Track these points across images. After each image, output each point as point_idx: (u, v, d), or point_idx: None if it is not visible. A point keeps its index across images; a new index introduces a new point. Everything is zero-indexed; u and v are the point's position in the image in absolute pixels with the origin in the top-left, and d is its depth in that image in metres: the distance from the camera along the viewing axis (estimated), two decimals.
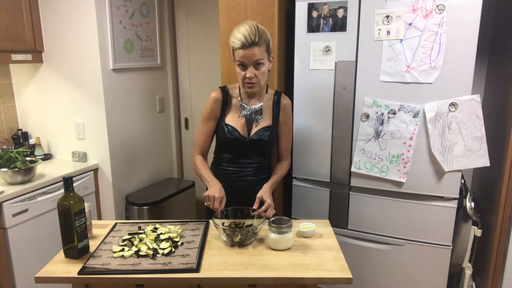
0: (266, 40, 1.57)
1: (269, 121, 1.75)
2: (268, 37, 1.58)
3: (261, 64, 1.58)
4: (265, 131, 1.72)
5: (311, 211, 2.23)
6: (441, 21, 1.78)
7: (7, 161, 2.18)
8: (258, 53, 1.55)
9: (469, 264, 2.08)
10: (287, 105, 1.77)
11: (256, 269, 1.37)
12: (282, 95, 1.79)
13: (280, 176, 1.81)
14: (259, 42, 1.54)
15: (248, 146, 1.73)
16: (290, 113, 1.80)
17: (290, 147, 1.87)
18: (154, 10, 2.88)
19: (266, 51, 1.58)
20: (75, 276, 1.34)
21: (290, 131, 1.84)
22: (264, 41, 1.55)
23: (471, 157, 1.87)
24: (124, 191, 2.76)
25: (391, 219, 2.06)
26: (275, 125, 1.76)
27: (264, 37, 1.56)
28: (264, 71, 1.61)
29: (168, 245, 1.48)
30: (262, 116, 1.74)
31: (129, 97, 2.74)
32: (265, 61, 1.59)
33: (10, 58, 2.37)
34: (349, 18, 1.94)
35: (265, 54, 1.57)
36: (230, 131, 1.72)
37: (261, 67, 1.59)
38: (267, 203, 1.60)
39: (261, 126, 1.73)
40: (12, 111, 2.77)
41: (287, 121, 1.79)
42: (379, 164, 2.01)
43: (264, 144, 1.74)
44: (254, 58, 1.55)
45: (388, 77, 1.92)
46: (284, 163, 1.84)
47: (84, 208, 1.46)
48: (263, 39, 1.54)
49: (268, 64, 1.63)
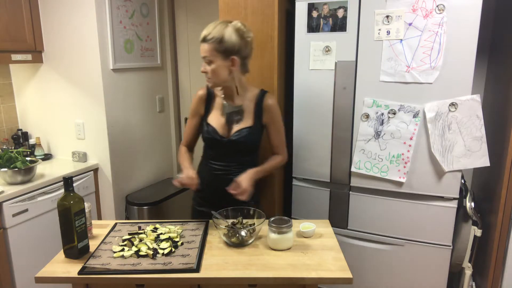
0: (219, 40, 1.56)
1: (250, 122, 1.73)
2: (225, 39, 1.56)
3: (210, 61, 1.59)
4: (244, 132, 1.71)
5: (311, 211, 2.23)
6: (441, 21, 1.78)
7: (7, 161, 2.18)
8: (206, 50, 1.57)
9: (469, 264, 2.08)
10: (271, 105, 1.74)
11: (256, 269, 1.37)
12: (266, 95, 1.75)
13: (271, 166, 1.79)
14: (209, 40, 1.56)
15: (227, 146, 1.73)
16: (276, 112, 1.77)
17: (283, 144, 1.84)
18: (154, 10, 2.88)
19: (217, 51, 1.57)
20: (75, 276, 1.34)
21: (280, 129, 1.81)
22: (215, 41, 1.55)
23: (471, 157, 1.87)
24: (124, 191, 2.76)
25: (391, 219, 2.06)
26: (257, 126, 1.73)
27: (219, 37, 1.55)
28: (215, 69, 1.60)
29: (168, 245, 1.48)
30: (242, 116, 1.73)
31: (129, 97, 2.74)
32: (215, 60, 1.58)
33: (10, 58, 2.37)
34: (349, 18, 1.94)
35: (215, 54, 1.57)
36: (210, 131, 1.74)
37: (211, 65, 1.60)
38: (241, 187, 1.61)
39: (241, 126, 1.72)
40: (12, 111, 2.77)
41: (274, 121, 1.77)
42: (379, 164, 2.01)
43: (243, 145, 1.73)
44: (202, 54, 1.59)
45: (388, 77, 1.92)
46: (278, 156, 1.83)
47: (84, 208, 1.46)
48: (214, 39, 1.55)
49: (225, 64, 1.61)
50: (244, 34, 1.60)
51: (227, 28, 1.58)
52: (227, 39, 1.56)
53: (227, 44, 1.56)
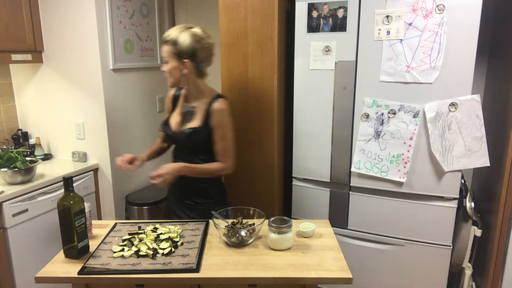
0: (173, 43, 1.66)
1: (198, 123, 1.76)
2: (179, 43, 1.66)
3: (166, 62, 1.71)
4: (188, 131, 1.77)
5: (311, 211, 2.23)
6: (441, 21, 1.78)
7: (7, 161, 2.18)
8: (164, 50, 1.69)
9: (469, 264, 2.08)
10: (217, 111, 1.73)
11: (256, 269, 1.37)
12: (218, 100, 1.75)
13: (203, 168, 1.75)
14: (166, 42, 1.68)
15: (175, 141, 1.86)
16: (221, 119, 1.74)
17: (226, 153, 1.77)
18: (154, 10, 2.88)
19: (172, 52, 1.67)
20: (75, 276, 1.34)
21: (222, 137, 1.75)
22: (171, 43, 1.66)
23: (471, 157, 1.87)
24: (124, 191, 2.76)
25: (391, 219, 2.06)
26: (203, 128, 1.74)
27: (173, 40, 1.66)
28: (169, 69, 1.70)
29: (168, 245, 1.48)
30: (192, 117, 1.79)
31: (129, 97, 2.74)
32: (169, 61, 1.69)
33: (10, 58, 2.37)
34: (349, 18, 1.94)
35: (170, 55, 1.68)
36: (164, 125, 1.88)
37: (167, 65, 1.71)
38: (159, 171, 1.66)
39: (189, 126, 1.78)
40: (12, 111, 2.77)
41: (218, 127, 1.74)
42: (379, 164, 2.01)
43: (187, 143, 1.78)
44: (161, 54, 1.74)
45: (388, 77, 1.92)
46: (218, 163, 1.79)
47: (84, 208, 1.46)
48: (171, 41, 1.66)
49: (178, 66, 1.69)
50: (201, 40, 1.68)
51: (184, 32, 1.67)
52: (181, 43, 1.65)
53: (180, 47, 1.66)
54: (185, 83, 1.76)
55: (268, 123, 2.24)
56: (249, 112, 2.27)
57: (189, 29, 1.68)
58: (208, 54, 1.73)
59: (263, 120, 2.25)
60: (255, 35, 2.16)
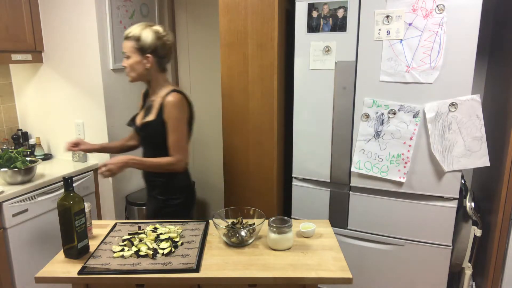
0: (137, 39, 1.74)
1: (153, 117, 1.79)
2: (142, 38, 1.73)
3: (128, 57, 1.77)
4: (143, 125, 1.83)
5: (311, 211, 2.23)
6: (441, 21, 1.78)
7: (7, 161, 2.18)
8: (126, 46, 1.77)
9: (469, 264, 2.08)
10: (167, 102, 1.74)
11: (256, 269, 1.37)
12: (170, 93, 1.76)
13: (152, 162, 1.76)
14: (129, 38, 1.75)
15: (138, 136, 1.94)
16: (170, 111, 1.73)
17: (175, 146, 1.75)
18: (154, 10, 2.88)
19: (134, 48, 1.75)
20: (75, 276, 1.34)
21: (173, 129, 1.74)
22: (133, 39, 1.74)
23: (471, 157, 1.87)
24: (124, 191, 2.75)
25: (391, 219, 2.06)
26: (157, 121, 1.76)
27: (137, 36, 1.74)
28: (130, 64, 1.77)
29: (168, 245, 1.48)
30: (150, 111, 1.83)
31: (129, 97, 2.73)
32: (132, 56, 1.76)
33: (10, 58, 2.37)
34: (349, 18, 1.94)
35: (132, 50, 1.75)
36: (130, 121, 1.96)
37: (128, 60, 1.78)
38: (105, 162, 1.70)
39: (145, 120, 1.82)
40: (12, 111, 2.77)
41: (168, 119, 1.74)
42: (379, 164, 2.01)
43: (143, 136, 1.86)
44: (122, 50, 1.79)
45: (388, 77, 1.92)
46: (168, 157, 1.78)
47: (84, 208, 1.46)
48: (134, 37, 1.74)
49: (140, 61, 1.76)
50: (162, 37, 1.77)
51: (146, 29, 1.75)
52: (144, 39, 1.74)
53: (143, 43, 1.74)
54: (146, 77, 1.81)
55: (268, 123, 2.24)
56: (249, 112, 2.27)
57: (151, 26, 1.77)
58: (168, 51, 1.82)
59: (263, 120, 2.25)
60: (255, 35, 2.16)
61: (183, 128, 1.77)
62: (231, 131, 2.34)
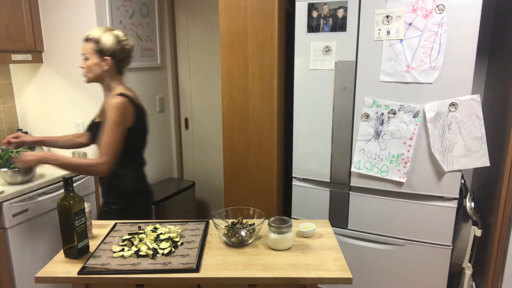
0: (96, 41, 1.76)
1: (101, 118, 1.82)
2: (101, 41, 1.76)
3: (87, 58, 1.79)
4: (90, 125, 1.90)
5: (311, 211, 2.23)
6: (441, 21, 1.78)
7: (7, 161, 2.18)
8: (85, 48, 1.79)
9: (469, 264, 2.08)
10: (108, 104, 1.73)
11: (256, 269, 1.37)
12: (116, 96, 1.75)
13: (70, 161, 1.72)
14: (89, 40, 1.78)
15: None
16: (108, 112, 1.71)
17: (104, 149, 1.69)
18: (154, 10, 2.88)
19: (93, 49, 1.77)
20: (75, 276, 1.34)
21: (106, 132, 1.69)
22: (93, 41, 1.77)
23: (471, 157, 1.87)
24: None
25: (391, 219, 2.06)
26: (100, 122, 1.78)
27: (97, 38, 1.77)
28: (89, 65, 1.79)
29: (168, 245, 1.48)
30: (101, 112, 1.88)
31: None
32: (91, 58, 1.78)
33: (10, 58, 2.37)
34: (349, 18, 1.94)
35: (91, 52, 1.77)
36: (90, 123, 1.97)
37: (86, 61, 1.80)
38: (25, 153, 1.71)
39: (94, 120, 1.89)
40: (12, 111, 2.77)
41: (105, 121, 1.72)
42: (379, 164, 2.01)
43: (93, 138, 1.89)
44: (81, 51, 1.82)
45: (388, 77, 1.92)
46: (89, 158, 1.78)
47: (84, 208, 1.46)
48: (94, 40, 1.77)
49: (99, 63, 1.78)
50: (122, 42, 1.80)
51: (107, 32, 1.78)
52: (104, 41, 1.77)
53: (103, 45, 1.77)
54: (102, 79, 1.83)
55: (268, 123, 2.24)
56: (249, 112, 2.27)
57: (111, 30, 1.81)
58: (127, 55, 1.85)
59: (263, 120, 2.25)
60: (255, 35, 2.16)
61: (117, 132, 1.70)
62: (231, 131, 2.34)
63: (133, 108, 1.77)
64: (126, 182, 1.85)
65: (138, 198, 1.89)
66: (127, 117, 1.74)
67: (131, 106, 1.76)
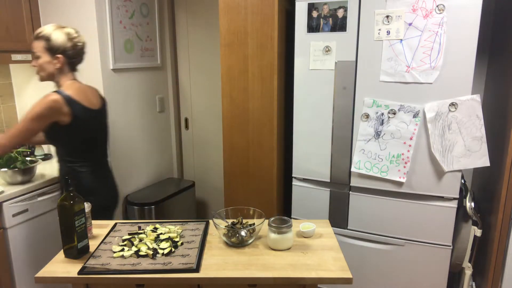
0: (47, 39, 1.77)
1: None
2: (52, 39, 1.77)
3: (38, 57, 1.80)
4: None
5: (311, 211, 2.23)
6: (441, 21, 1.78)
7: (7, 161, 2.18)
8: (35, 46, 1.80)
9: (469, 264, 2.08)
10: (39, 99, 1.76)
11: (256, 269, 1.37)
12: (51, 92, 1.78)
13: None
14: (39, 38, 1.78)
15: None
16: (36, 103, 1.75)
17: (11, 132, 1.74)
18: (154, 10, 2.88)
19: (44, 48, 1.78)
20: (75, 276, 1.34)
21: (23, 117, 1.74)
22: (44, 39, 1.77)
23: (471, 157, 1.87)
24: (124, 191, 2.75)
25: (391, 219, 2.06)
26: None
27: (47, 36, 1.77)
28: (40, 63, 1.80)
29: (168, 245, 1.48)
30: None
31: (129, 97, 2.74)
32: (42, 56, 1.79)
33: (10, 58, 2.37)
34: (349, 18, 1.94)
35: (43, 50, 1.78)
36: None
37: (38, 60, 1.80)
38: None
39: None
40: (12, 111, 2.77)
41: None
42: (379, 164, 2.01)
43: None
44: (32, 50, 1.82)
45: (388, 77, 1.92)
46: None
47: (84, 208, 1.46)
48: (45, 37, 1.77)
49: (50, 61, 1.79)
50: (73, 39, 1.81)
51: (57, 30, 1.78)
52: (54, 39, 1.77)
53: (53, 43, 1.77)
54: (55, 77, 1.83)
55: (268, 123, 2.24)
56: (249, 112, 2.27)
57: (63, 28, 1.80)
58: (79, 52, 1.86)
59: (263, 120, 2.25)
60: (255, 35, 2.16)
61: (30, 123, 1.72)
62: (231, 131, 2.34)
63: (68, 106, 1.75)
64: (82, 180, 1.85)
65: (96, 199, 1.83)
66: (54, 113, 1.74)
67: (65, 104, 1.74)
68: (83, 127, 1.85)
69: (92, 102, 1.90)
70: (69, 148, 1.87)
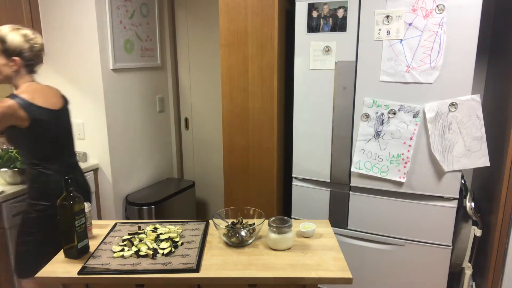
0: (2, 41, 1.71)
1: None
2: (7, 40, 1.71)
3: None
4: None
5: (311, 211, 2.23)
6: (441, 21, 1.78)
7: (7, 161, 2.18)
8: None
9: (469, 264, 2.08)
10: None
11: (256, 269, 1.37)
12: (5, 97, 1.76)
13: None
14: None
15: None
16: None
17: None
18: (154, 10, 2.88)
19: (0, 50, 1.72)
20: (75, 276, 1.34)
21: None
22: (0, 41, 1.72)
23: (471, 157, 1.87)
24: (124, 191, 2.76)
25: (391, 219, 2.06)
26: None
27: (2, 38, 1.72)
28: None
29: (168, 245, 1.48)
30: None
31: (129, 97, 2.74)
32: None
33: None
34: (349, 18, 1.94)
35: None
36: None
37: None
38: None
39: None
40: None
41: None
42: (379, 164, 2.01)
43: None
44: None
45: (388, 77, 1.92)
46: None
47: (84, 208, 1.46)
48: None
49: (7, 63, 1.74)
50: (30, 40, 1.76)
51: (13, 31, 1.73)
52: (9, 41, 1.72)
53: (8, 45, 1.72)
54: (13, 80, 1.79)
55: (268, 123, 2.24)
56: (249, 112, 2.27)
57: (19, 29, 1.76)
58: (37, 54, 1.80)
59: (263, 120, 2.25)
60: (255, 35, 2.16)
61: None
62: (231, 131, 2.34)
63: (24, 111, 1.70)
64: (51, 184, 1.81)
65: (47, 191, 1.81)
66: (9, 119, 1.70)
67: (20, 108, 1.70)
68: (43, 128, 1.78)
69: (51, 102, 1.84)
70: (33, 151, 1.80)
